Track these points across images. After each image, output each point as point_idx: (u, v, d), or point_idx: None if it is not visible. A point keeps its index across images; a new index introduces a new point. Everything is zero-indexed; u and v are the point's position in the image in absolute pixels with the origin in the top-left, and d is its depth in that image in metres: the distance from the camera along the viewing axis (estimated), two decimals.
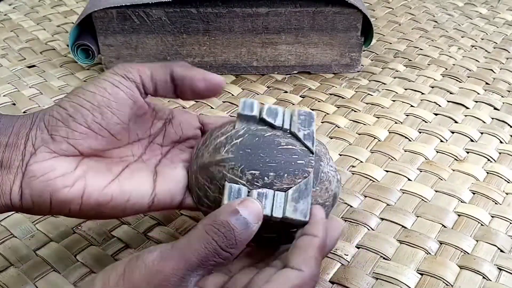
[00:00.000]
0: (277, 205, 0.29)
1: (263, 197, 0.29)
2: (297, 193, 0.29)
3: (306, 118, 0.32)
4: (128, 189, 0.30)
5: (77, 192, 0.28)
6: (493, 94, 0.54)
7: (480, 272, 0.34)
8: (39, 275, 0.34)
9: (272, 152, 0.30)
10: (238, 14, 0.53)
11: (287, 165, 0.30)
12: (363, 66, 0.58)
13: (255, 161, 0.30)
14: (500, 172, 0.43)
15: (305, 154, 0.30)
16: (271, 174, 0.29)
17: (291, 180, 0.29)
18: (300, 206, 0.29)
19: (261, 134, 0.31)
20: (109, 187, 0.29)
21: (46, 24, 0.68)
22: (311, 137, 0.31)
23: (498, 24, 0.69)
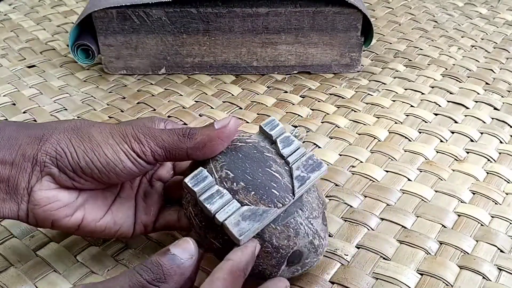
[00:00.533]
0: (225, 211, 0.29)
1: (219, 196, 0.29)
2: (250, 213, 0.28)
3: (313, 164, 0.31)
4: (119, 221, 0.33)
5: (75, 221, 0.31)
6: (493, 94, 0.54)
7: (480, 272, 0.34)
8: (39, 275, 0.34)
9: (257, 169, 0.30)
10: (238, 14, 0.53)
11: (261, 186, 0.29)
12: (363, 66, 0.58)
13: (238, 167, 0.30)
14: (500, 172, 0.43)
15: (285, 190, 0.30)
16: (241, 183, 0.29)
17: (255, 201, 0.29)
18: (243, 225, 0.28)
19: (262, 151, 0.31)
20: (104, 220, 0.32)
21: (46, 24, 0.68)
22: (304, 182, 0.30)
23: (498, 24, 0.69)
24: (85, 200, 0.32)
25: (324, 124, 0.49)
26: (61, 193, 0.30)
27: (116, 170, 0.30)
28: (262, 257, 0.30)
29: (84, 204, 0.32)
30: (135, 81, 0.56)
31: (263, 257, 0.30)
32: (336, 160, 0.44)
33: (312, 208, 0.31)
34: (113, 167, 0.30)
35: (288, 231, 0.29)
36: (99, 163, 0.30)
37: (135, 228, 0.34)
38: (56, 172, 0.30)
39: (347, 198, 0.40)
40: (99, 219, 0.32)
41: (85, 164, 0.30)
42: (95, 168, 0.30)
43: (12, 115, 0.50)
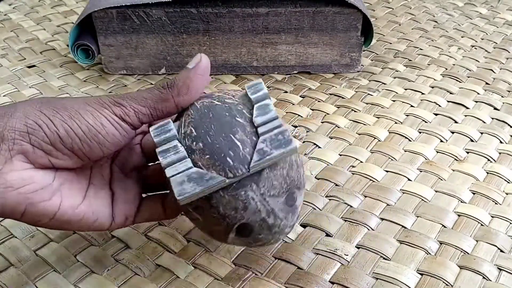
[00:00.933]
0: (175, 167, 0.27)
1: (174, 152, 0.28)
2: (196, 176, 0.27)
3: (281, 140, 0.28)
4: (95, 210, 0.30)
5: (53, 207, 0.28)
6: (493, 94, 0.54)
7: (480, 272, 0.34)
8: (39, 275, 0.34)
9: (221, 133, 0.28)
10: (238, 14, 0.53)
11: (218, 151, 0.27)
12: (363, 66, 0.58)
13: (203, 126, 0.28)
14: (500, 172, 0.43)
15: (242, 161, 0.27)
16: (200, 144, 0.28)
17: (208, 165, 0.27)
18: (186, 186, 0.27)
19: (235, 115, 0.29)
20: (81, 208, 0.30)
21: (46, 24, 0.68)
22: (264, 157, 0.27)
23: (498, 24, 0.69)
24: (61, 183, 0.29)
25: (324, 124, 0.49)
26: (36, 173, 0.27)
27: (99, 137, 0.28)
28: (211, 220, 0.29)
29: (61, 188, 0.29)
30: (135, 81, 0.56)
31: (211, 220, 0.29)
32: (336, 160, 0.44)
33: (271, 185, 0.28)
34: (95, 133, 0.28)
35: (235, 202, 0.28)
36: (80, 131, 0.27)
37: (114, 219, 0.31)
38: (30, 149, 0.27)
39: (347, 198, 0.40)
40: (76, 206, 0.29)
41: (65, 132, 0.27)
42: (76, 136, 0.27)
43: None
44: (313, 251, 0.36)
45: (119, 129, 0.29)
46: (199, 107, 0.29)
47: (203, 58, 0.30)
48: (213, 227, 0.30)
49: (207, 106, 0.29)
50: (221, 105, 0.29)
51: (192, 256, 0.36)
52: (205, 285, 0.34)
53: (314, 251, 0.36)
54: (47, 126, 0.27)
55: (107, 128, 0.28)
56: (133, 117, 0.29)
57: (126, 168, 0.33)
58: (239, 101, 0.30)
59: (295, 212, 0.31)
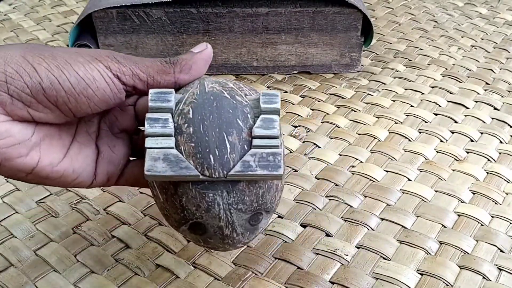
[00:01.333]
0: (157, 141, 0.26)
1: (163, 124, 0.26)
2: (173, 159, 0.26)
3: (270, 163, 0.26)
4: (77, 168, 0.28)
5: (30, 163, 0.26)
6: (493, 94, 0.54)
7: (480, 272, 0.34)
8: (39, 275, 0.34)
9: (216, 127, 0.26)
10: (238, 14, 0.53)
11: (204, 144, 0.26)
12: (363, 66, 0.58)
13: (202, 112, 0.27)
14: (500, 172, 0.43)
15: (223, 165, 0.26)
16: (191, 129, 0.26)
17: (189, 154, 0.26)
18: (158, 165, 0.26)
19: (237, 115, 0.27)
20: (60, 165, 0.28)
21: (46, 24, 0.68)
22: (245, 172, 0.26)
23: (498, 24, 0.69)
24: (41, 139, 0.27)
25: (324, 124, 0.49)
26: (14, 127, 0.25)
27: (88, 91, 0.25)
28: (170, 205, 0.28)
29: (40, 143, 0.27)
30: None
31: (170, 205, 0.28)
32: (336, 160, 0.44)
33: (242, 200, 0.27)
34: (85, 87, 0.25)
35: (200, 201, 0.27)
36: (68, 83, 0.25)
37: (96, 178, 0.30)
38: (8, 99, 0.24)
39: (347, 198, 0.40)
40: (56, 163, 0.27)
41: (50, 84, 0.25)
42: (62, 89, 0.25)
43: None
44: (313, 251, 0.36)
45: (111, 85, 0.26)
46: (207, 90, 0.28)
47: (208, 46, 0.30)
48: (170, 212, 0.28)
49: (215, 94, 0.27)
50: (229, 100, 0.27)
51: (192, 256, 0.36)
52: (205, 285, 0.34)
53: (314, 251, 0.36)
54: (29, 75, 0.24)
55: (98, 83, 0.26)
56: (129, 77, 0.27)
57: (116, 128, 0.31)
58: (249, 103, 0.28)
59: (254, 232, 0.29)
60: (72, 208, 0.40)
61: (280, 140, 0.28)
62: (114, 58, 0.27)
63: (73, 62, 0.25)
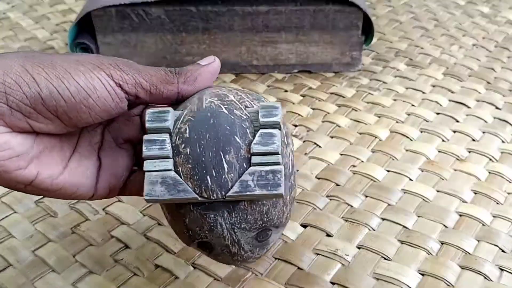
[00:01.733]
0: (155, 163, 0.26)
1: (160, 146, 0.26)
2: (171, 182, 0.25)
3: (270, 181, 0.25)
4: (77, 181, 0.28)
5: (29, 176, 0.26)
6: (494, 93, 0.53)
7: (482, 272, 0.34)
8: (37, 275, 0.34)
9: (213, 147, 0.26)
10: (238, 12, 0.53)
11: (201, 165, 0.25)
12: (363, 65, 0.58)
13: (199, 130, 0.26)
14: (502, 171, 0.43)
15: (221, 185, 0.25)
16: (188, 149, 0.26)
17: (186, 175, 0.26)
18: (157, 188, 0.25)
19: (235, 132, 0.26)
20: (61, 178, 0.27)
21: (45, 23, 0.67)
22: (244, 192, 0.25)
23: (500, 23, 0.69)
24: (40, 151, 0.26)
25: (325, 124, 0.49)
26: (13, 138, 0.25)
27: (88, 101, 0.25)
28: (177, 224, 0.28)
29: (40, 156, 0.26)
30: None
31: (177, 224, 0.28)
32: (337, 160, 0.44)
33: (245, 219, 0.26)
34: (85, 97, 0.25)
35: (202, 222, 0.26)
36: (67, 92, 0.24)
37: (97, 191, 0.29)
38: (7, 111, 0.24)
39: (348, 198, 0.40)
40: (56, 176, 0.27)
41: (49, 94, 0.24)
42: (62, 98, 0.24)
43: None
44: (314, 251, 0.36)
45: (113, 94, 0.26)
46: (204, 105, 0.27)
47: (216, 60, 0.29)
48: (177, 230, 0.29)
49: (212, 110, 0.27)
50: (227, 115, 0.26)
51: (191, 257, 0.35)
52: (205, 285, 0.33)
53: (315, 252, 0.36)
54: (28, 85, 0.24)
55: (99, 92, 0.25)
56: (131, 86, 0.26)
57: (120, 138, 0.30)
58: (248, 117, 0.27)
59: (264, 247, 0.29)
60: (71, 208, 0.39)
61: (285, 153, 0.27)
62: (117, 66, 0.26)
63: (73, 71, 0.25)
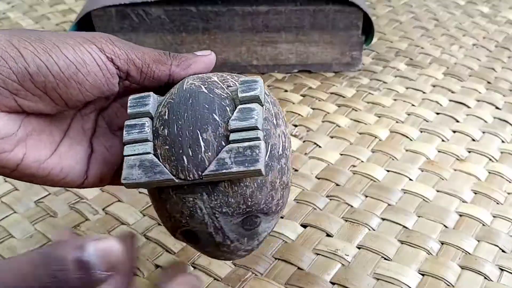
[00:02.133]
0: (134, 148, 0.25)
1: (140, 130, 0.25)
2: (148, 164, 0.24)
3: (247, 157, 0.24)
4: (65, 167, 0.27)
5: (14, 160, 0.25)
6: (494, 93, 0.53)
7: (482, 272, 0.34)
8: None
9: (190, 126, 0.24)
10: (238, 12, 0.53)
11: (178, 146, 0.24)
12: (364, 65, 0.58)
13: (178, 111, 0.25)
14: (502, 171, 0.43)
15: (198, 165, 0.24)
16: (166, 131, 0.25)
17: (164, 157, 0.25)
18: (134, 172, 0.24)
19: (214, 109, 0.25)
20: (47, 163, 0.26)
21: (45, 23, 0.67)
22: (221, 170, 0.24)
23: (500, 23, 0.69)
24: (28, 133, 0.25)
25: (325, 124, 0.49)
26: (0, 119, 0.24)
27: (78, 76, 0.24)
28: (161, 211, 0.27)
29: (27, 138, 0.25)
30: None
31: (161, 212, 0.27)
32: (337, 160, 0.44)
33: (226, 202, 0.25)
34: (74, 71, 0.24)
35: (182, 206, 0.25)
36: (56, 66, 0.23)
37: (88, 178, 0.28)
38: None
39: (348, 198, 0.40)
40: (43, 160, 0.26)
41: (37, 68, 0.23)
42: (50, 73, 0.23)
43: None
44: (314, 251, 0.36)
45: (103, 69, 0.25)
46: (185, 87, 0.26)
47: (212, 54, 0.29)
48: (162, 219, 0.27)
49: (192, 90, 0.26)
50: (206, 94, 0.25)
51: (191, 257, 0.35)
52: (205, 285, 0.33)
53: (315, 252, 0.36)
54: (14, 60, 0.23)
55: (89, 66, 0.24)
56: (123, 62, 0.25)
57: (115, 125, 0.29)
58: (229, 95, 0.26)
59: (254, 238, 0.27)
60: (70, 208, 0.39)
61: (273, 133, 0.26)
62: (109, 40, 0.25)
63: (61, 45, 0.24)
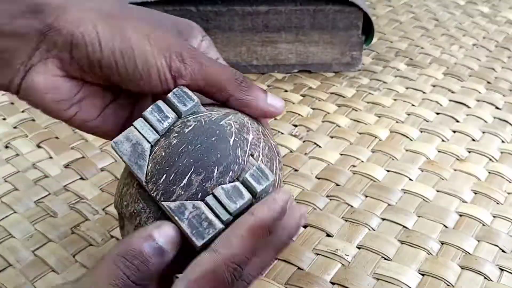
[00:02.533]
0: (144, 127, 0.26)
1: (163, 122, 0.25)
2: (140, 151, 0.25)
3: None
4: (106, 126, 0.29)
5: (66, 116, 0.27)
6: (494, 93, 0.53)
7: (482, 272, 0.34)
8: (37, 275, 0.34)
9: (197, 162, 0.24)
10: (238, 12, 0.53)
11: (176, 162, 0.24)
12: (364, 65, 0.58)
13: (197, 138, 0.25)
14: (502, 171, 0.43)
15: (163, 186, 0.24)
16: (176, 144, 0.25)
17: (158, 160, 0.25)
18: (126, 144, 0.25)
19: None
20: (92, 123, 0.28)
21: None
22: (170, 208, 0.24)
23: (500, 23, 0.69)
24: (83, 97, 0.27)
25: (325, 124, 0.49)
26: (64, 84, 0.26)
27: (140, 83, 0.26)
28: (119, 185, 0.27)
29: (81, 101, 0.27)
30: None
31: (119, 186, 0.27)
32: (337, 160, 0.44)
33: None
34: (139, 79, 0.26)
35: (131, 202, 0.26)
36: (124, 69, 0.25)
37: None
38: (67, 59, 0.25)
39: (348, 198, 0.40)
40: (89, 120, 0.28)
41: (109, 65, 0.25)
42: (117, 73, 0.26)
43: (11, 114, 0.50)
44: (314, 251, 0.36)
45: (164, 83, 0.26)
46: (222, 123, 0.26)
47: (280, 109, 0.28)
48: (117, 189, 0.28)
49: (223, 131, 0.25)
50: (229, 147, 0.25)
51: None
52: None
53: (315, 252, 0.36)
54: (93, 49, 0.25)
55: (152, 80, 0.26)
56: (185, 81, 0.26)
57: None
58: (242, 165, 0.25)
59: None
60: (70, 208, 0.39)
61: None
62: (180, 56, 0.26)
63: (138, 50, 0.25)
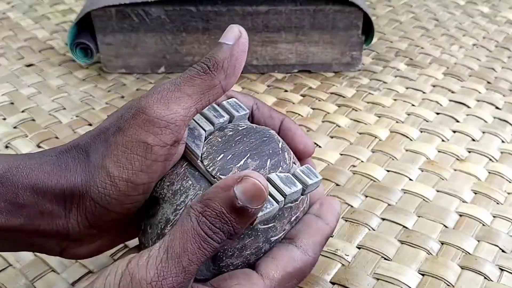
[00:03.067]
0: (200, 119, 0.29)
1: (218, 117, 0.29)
2: (196, 134, 0.28)
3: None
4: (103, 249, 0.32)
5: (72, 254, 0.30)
6: (494, 93, 0.53)
7: (482, 272, 0.34)
8: (37, 275, 0.34)
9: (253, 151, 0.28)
10: (238, 12, 0.53)
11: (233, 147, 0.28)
12: (364, 65, 0.58)
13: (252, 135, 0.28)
14: (502, 171, 0.43)
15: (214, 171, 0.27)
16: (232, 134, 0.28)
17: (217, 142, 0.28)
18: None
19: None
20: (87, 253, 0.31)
21: (45, 23, 0.67)
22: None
23: (500, 23, 0.69)
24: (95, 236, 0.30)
25: (325, 124, 0.49)
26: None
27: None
28: None
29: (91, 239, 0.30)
30: (134, 80, 0.56)
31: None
32: (337, 160, 0.44)
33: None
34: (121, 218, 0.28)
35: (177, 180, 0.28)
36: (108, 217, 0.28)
37: None
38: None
39: (348, 198, 0.40)
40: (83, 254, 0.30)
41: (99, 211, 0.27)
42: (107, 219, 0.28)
43: (11, 114, 0.50)
44: None
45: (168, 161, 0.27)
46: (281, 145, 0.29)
47: (242, 31, 0.26)
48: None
49: (276, 140, 0.29)
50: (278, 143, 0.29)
51: None
52: None
53: None
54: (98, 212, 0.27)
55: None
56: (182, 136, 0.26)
57: None
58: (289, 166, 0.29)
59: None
60: None
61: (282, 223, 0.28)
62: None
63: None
